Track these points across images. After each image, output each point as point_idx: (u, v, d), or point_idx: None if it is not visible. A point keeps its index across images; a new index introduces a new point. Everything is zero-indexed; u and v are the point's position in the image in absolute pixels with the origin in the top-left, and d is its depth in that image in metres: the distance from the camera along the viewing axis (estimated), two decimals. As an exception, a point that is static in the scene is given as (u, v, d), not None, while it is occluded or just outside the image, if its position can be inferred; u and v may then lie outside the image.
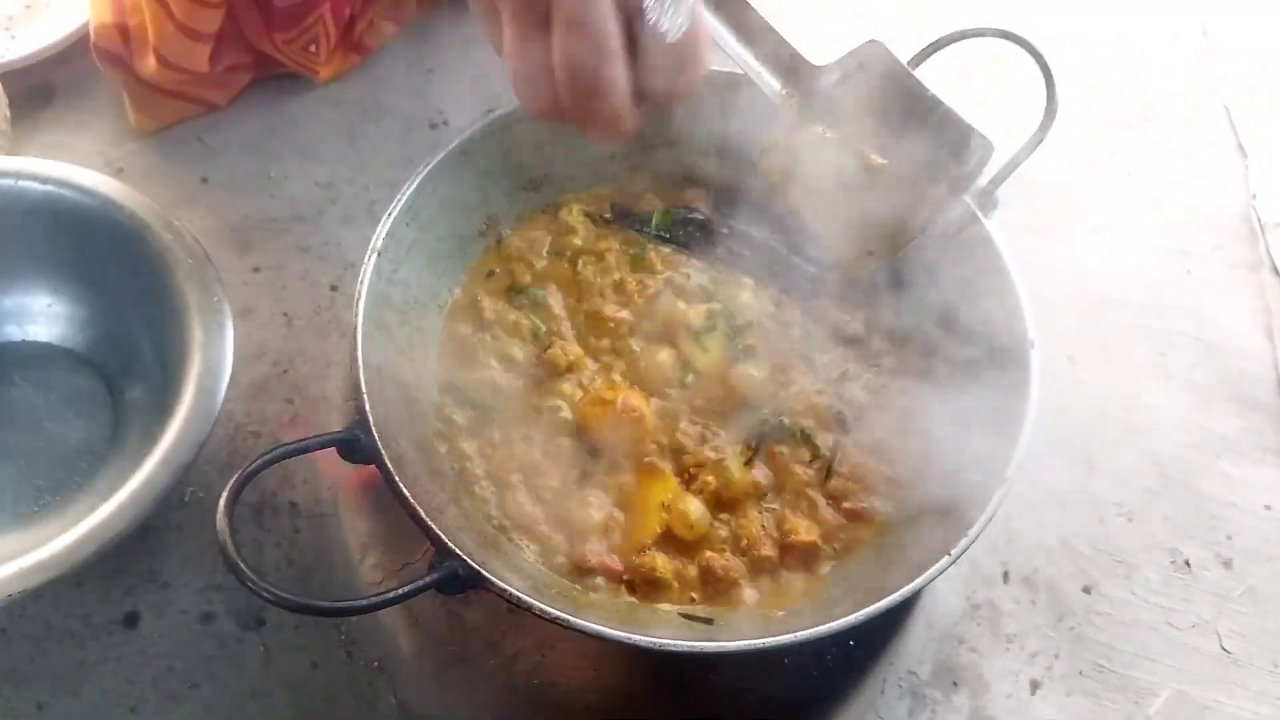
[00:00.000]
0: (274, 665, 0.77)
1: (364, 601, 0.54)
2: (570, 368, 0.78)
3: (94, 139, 1.03)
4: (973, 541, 0.60)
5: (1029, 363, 0.67)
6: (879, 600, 0.57)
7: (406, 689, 0.75)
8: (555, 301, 0.84)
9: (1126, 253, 1.07)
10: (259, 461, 0.56)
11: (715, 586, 0.70)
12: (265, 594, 0.52)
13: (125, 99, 1.02)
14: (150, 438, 0.75)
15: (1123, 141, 1.16)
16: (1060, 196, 1.11)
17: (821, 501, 0.75)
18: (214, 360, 0.76)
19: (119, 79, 1.01)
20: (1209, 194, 1.12)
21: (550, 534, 0.72)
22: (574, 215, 0.86)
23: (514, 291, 0.84)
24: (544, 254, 0.85)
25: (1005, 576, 0.85)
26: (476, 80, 1.09)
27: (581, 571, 0.71)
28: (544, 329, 0.82)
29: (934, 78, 1.13)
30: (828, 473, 0.76)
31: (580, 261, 0.84)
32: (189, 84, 1.00)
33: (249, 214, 0.99)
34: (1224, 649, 0.83)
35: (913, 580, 0.58)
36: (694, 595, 0.70)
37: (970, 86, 1.15)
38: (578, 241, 0.85)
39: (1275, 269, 1.06)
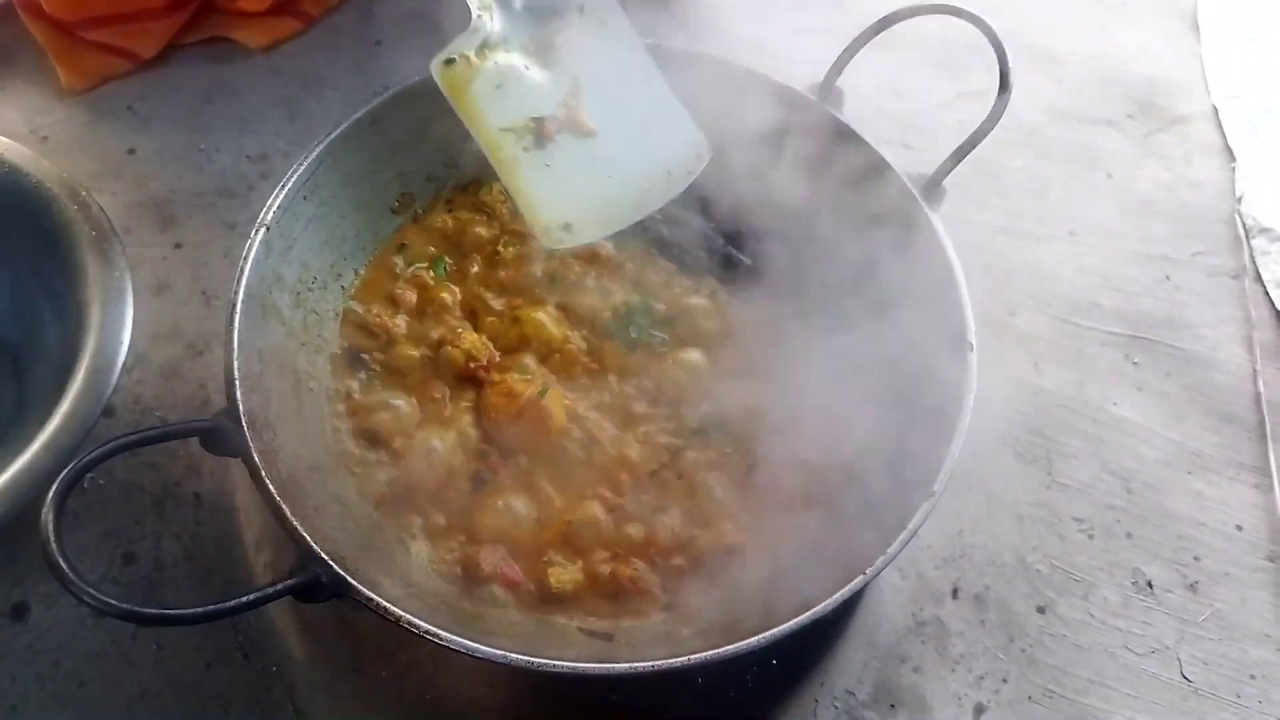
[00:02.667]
0: (166, 665, 0.72)
1: (199, 610, 0.49)
2: (470, 359, 0.73)
3: (19, 106, 0.98)
4: (890, 560, 0.55)
5: (968, 367, 0.62)
6: (785, 622, 0.52)
7: (304, 696, 0.70)
8: (470, 283, 0.79)
9: (1102, 256, 1.02)
10: (96, 452, 0.51)
11: (622, 597, 0.65)
12: (86, 599, 0.47)
13: (52, 57, 0.97)
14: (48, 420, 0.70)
15: (1105, 140, 1.12)
16: (1036, 196, 1.06)
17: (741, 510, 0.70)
18: (109, 340, 0.71)
19: (42, 32, 0.97)
20: (1193, 197, 1.08)
21: (445, 537, 0.67)
22: (494, 195, 0.81)
23: (428, 268, 0.79)
24: (474, 230, 0.80)
25: (955, 593, 0.80)
26: (425, 54, 1.03)
27: (477, 579, 0.66)
28: (452, 311, 0.77)
29: (894, 64, 1.09)
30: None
31: (502, 242, 0.79)
32: (107, 28, 0.95)
33: (175, 187, 0.94)
34: (1184, 677, 0.78)
35: (820, 603, 0.53)
36: (598, 606, 0.65)
37: (937, 76, 1.11)
38: (496, 227, 0.81)
39: (1259, 277, 1.01)
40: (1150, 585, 0.82)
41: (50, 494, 0.49)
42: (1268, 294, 0.99)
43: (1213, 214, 1.06)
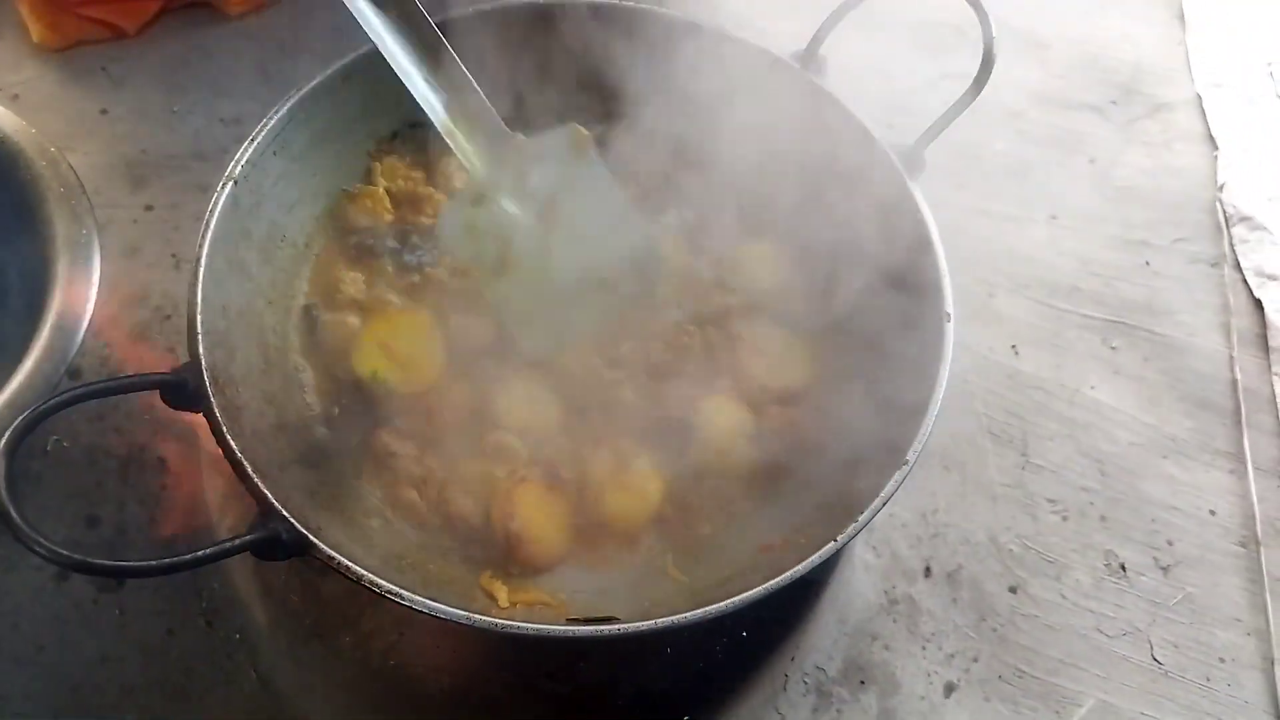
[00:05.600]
0: (129, 630, 0.71)
1: (153, 563, 0.48)
2: None
3: (-10, 62, 0.96)
4: (861, 528, 0.54)
5: (945, 336, 0.61)
6: (749, 590, 0.52)
7: (267, 663, 0.69)
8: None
9: (1082, 240, 1.01)
10: (52, 401, 0.49)
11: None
12: (38, 549, 0.46)
13: (25, 14, 0.95)
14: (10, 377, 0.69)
15: (1088, 125, 1.11)
16: (1017, 179, 1.06)
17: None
18: (75, 299, 0.70)
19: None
20: (1174, 184, 1.08)
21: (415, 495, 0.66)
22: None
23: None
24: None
25: (927, 571, 0.80)
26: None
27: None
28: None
29: (880, 45, 1.08)
30: None
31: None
32: (102, 5, 0.94)
33: (147, 149, 0.93)
34: (1155, 659, 0.78)
35: (787, 570, 0.52)
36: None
37: (923, 58, 1.10)
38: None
39: (1238, 265, 1.01)
40: (1123, 568, 0.82)
41: (1, 442, 0.47)
42: (1246, 282, 0.99)
43: (1194, 201, 1.06)
